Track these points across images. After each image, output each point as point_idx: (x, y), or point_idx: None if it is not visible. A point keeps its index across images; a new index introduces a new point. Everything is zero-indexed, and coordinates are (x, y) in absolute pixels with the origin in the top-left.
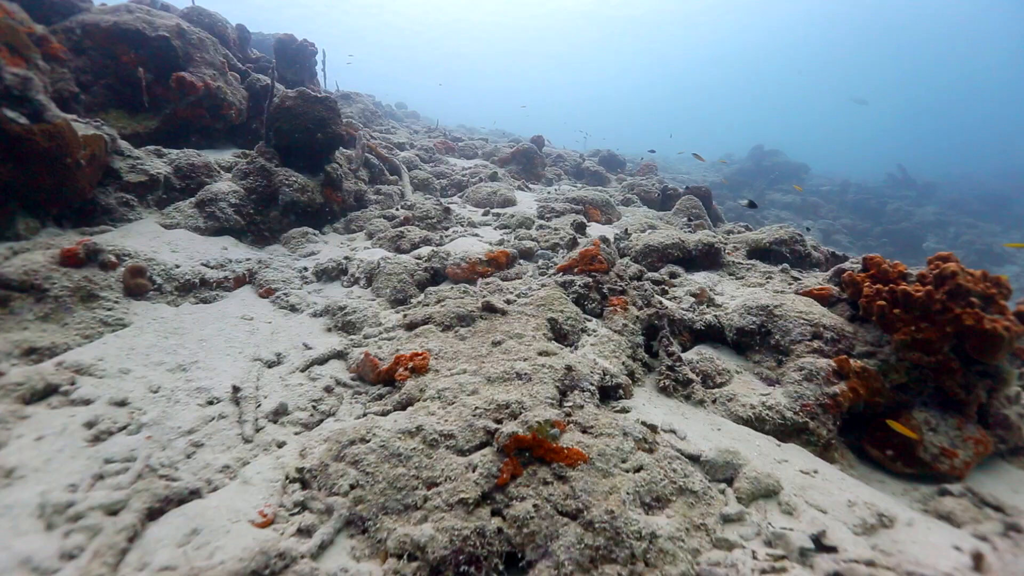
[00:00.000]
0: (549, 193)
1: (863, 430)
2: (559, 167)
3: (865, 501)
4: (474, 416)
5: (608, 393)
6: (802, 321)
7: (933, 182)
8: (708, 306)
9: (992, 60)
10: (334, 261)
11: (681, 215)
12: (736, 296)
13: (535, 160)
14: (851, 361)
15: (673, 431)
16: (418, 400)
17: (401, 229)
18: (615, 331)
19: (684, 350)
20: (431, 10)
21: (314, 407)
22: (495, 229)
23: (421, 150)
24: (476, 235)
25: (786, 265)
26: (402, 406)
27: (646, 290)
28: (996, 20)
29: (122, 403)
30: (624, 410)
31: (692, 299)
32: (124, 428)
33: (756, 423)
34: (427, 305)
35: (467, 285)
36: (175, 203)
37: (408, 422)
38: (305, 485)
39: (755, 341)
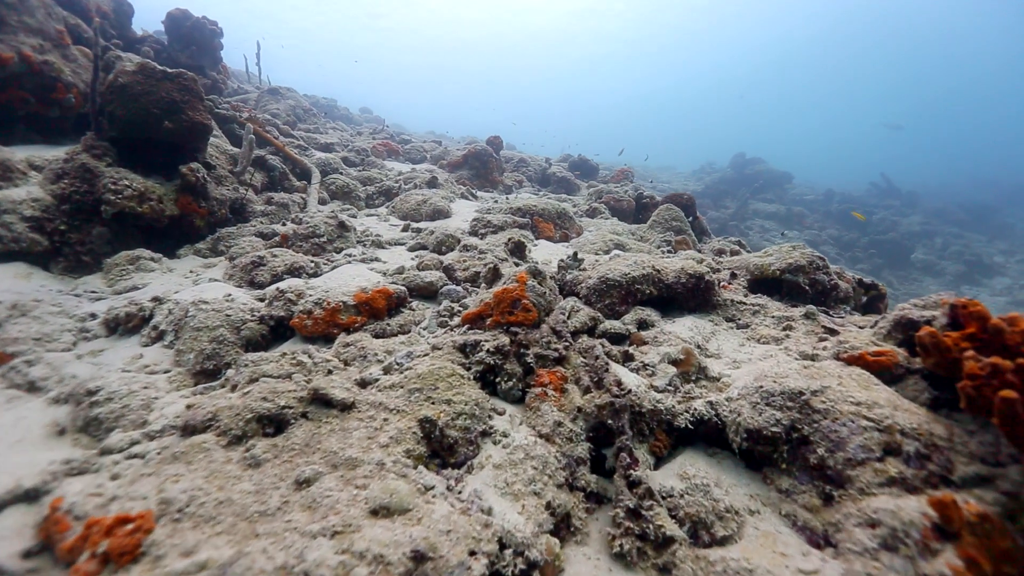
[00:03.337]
0: (496, 202)
1: None
2: (521, 172)
3: None
4: None
5: None
6: (864, 423)
7: (915, 191)
8: (698, 382)
9: (968, 76)
10: (136, 304)
11: (658, 229)
12: (741, 360)
13: (490, 164)
14: (960, 504)
15: None
16: None
17: (264, 253)
18: (542, 434)
19: (659, 462)
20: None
21: None
22: (409, 251)
23: (354, 151)
24: (376, 259)
25: (812, 307)
26: None
27: (598, 357)
28: (972, 36)
29: None
30: None
31: (672, 369)
32: None
33: None
34: (235, 387)
35: (312, 349)
36: None
37: None
38: None
39: (781, 454)
